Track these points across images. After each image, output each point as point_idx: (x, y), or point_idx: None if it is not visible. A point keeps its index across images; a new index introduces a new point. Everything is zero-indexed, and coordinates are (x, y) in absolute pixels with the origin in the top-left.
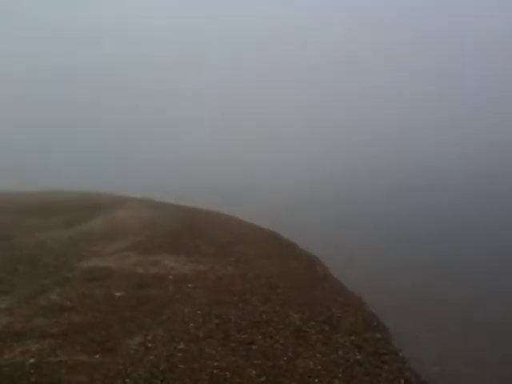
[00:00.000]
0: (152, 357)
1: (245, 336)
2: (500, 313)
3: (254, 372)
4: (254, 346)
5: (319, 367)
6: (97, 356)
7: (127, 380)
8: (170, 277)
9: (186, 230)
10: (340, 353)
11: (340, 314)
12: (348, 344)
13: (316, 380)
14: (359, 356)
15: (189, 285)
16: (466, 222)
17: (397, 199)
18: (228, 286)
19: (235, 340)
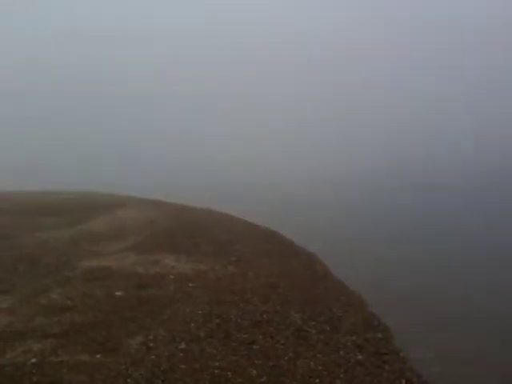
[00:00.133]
0: (153, 357)
1: (246, 336)
2: (502, 312)
3: (255, 372)
4: (255, 346)
5: (320, 367)
6: (98, 356)
7: (128, 380)
8: (171, 276)
9: (186, 229)
10: (341, 353)
11: (341, 314)
12: (349, 344)
13: (317, 380)
14: (360, 356)
15: (189, 284)
16: (466, 217)
17: (396, 196)
18: (228, 286)
19: (236, 340)
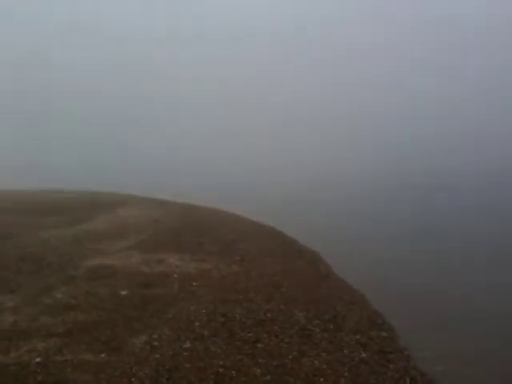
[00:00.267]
0: (158, 355)
1: (250, 335)
2: (502, 311)
3: (259, 371)
4: (259, 345)
5: (324, 366)
6: (102, 355)
7: (133, 379)
8: (175, 275)
9: (189, 228)
10: (345, 351)
11: (345, 313)
12: (353, 342)
13: (321, 379)
14: (364, 354)
15: (193, 283)
16: (466, 217)
17: (396, 196)
18: (232, 285)
19: (240, 339)
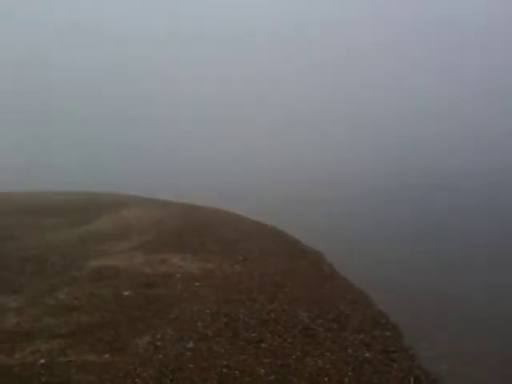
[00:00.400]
0: (161, 356)
1: (253, 334)
2: (502, 311)
3: (263, 371)
4: (263, 345)
5: (328, 365)
6: (106, 356)
7: (137, 380)
8: (178, 275)
9: (191, 228)
10: (349, 351)
11: (348, 312)
12: (357, 342)
13: (325, 378)
14: (368, 354)
15: (196, 283)
16: (467, 217)
17: (396, 195)
18: (235, 285)
19: (244, 339)
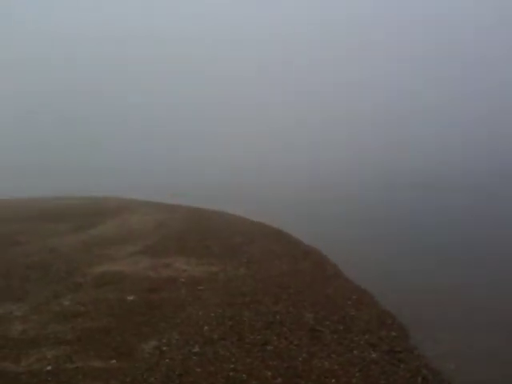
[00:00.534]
0: (167, 360)
1: (259, 337)
2: (505, 311)
3: (270, 373)
4: (269, 347)
5: (335, 367)
6: (112, 361)
7: None
8: (182, 279)
9: (195, 232)
10: (355, 352)
11: (354, 313)
12: (363, 343)
13: (333, 380)
14: (375, 355)
15: (201, 287)
16: (467, 217)
17: (396, 195)
18: (240, 287)
19: (250, 341)
